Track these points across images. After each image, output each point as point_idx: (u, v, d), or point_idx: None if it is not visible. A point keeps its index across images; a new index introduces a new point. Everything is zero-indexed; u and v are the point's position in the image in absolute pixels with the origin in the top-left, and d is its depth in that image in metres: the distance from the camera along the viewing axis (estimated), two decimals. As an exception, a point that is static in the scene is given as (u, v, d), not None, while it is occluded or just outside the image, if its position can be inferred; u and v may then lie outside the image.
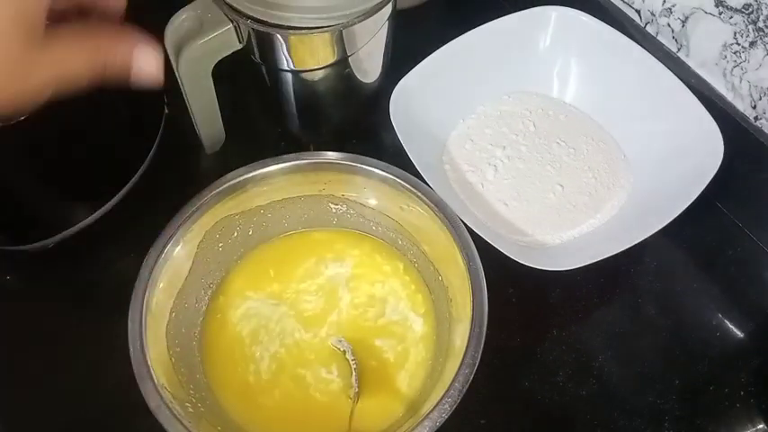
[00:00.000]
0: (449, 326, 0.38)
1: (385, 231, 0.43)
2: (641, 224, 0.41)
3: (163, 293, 0.36)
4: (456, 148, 0.50)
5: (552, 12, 0.50)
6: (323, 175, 0.41)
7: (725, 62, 0.46)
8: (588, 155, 0.49)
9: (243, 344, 0.40)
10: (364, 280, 0.42)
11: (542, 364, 0.43)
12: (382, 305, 0.41)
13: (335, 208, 0.43)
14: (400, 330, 0.40)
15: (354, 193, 0.42)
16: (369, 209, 0.42)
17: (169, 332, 0.36)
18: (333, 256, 0.43)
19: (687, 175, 0.43)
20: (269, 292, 0.42)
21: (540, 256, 0.43)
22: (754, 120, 0.46)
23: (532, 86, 0.53)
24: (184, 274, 0.38)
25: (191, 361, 0.38)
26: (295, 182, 0.41)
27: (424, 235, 0.40)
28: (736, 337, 0.45)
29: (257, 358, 0.39)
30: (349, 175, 0.40)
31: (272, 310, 0.41)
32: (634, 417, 0.41)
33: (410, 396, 0.38)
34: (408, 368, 0.39)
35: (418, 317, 0.41)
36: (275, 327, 0.41)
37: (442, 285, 0.40)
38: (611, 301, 0.46)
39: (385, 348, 0.40)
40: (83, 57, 0.27)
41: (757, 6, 0.42)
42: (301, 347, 0.40)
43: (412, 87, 0.46)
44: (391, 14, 0.43)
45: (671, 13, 0.48)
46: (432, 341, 0.40)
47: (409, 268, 0.43)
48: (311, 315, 0.41)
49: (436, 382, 0.36)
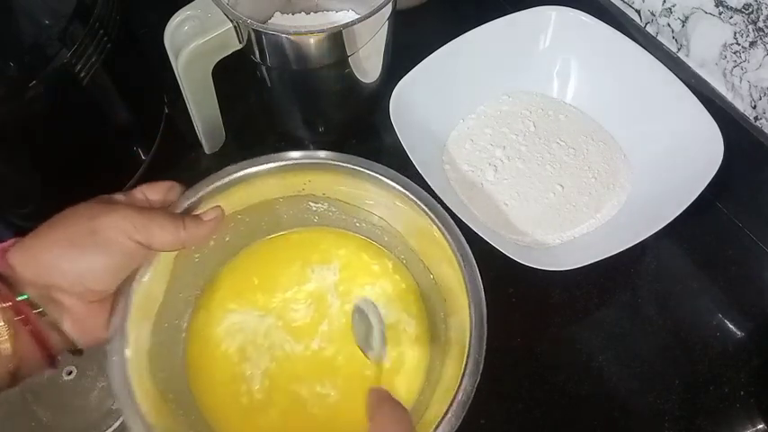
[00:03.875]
0: (444, 324, 0.37)
1: (370, 228, 0.41)
2: (641, 224, 0.41)
3: (140, 317, 0.33)
4: (456, 148, 0.50)
5: (552, 12, 0.50)
6: (303, 176, 0.38)
7: (725, 62, 0.46)
8: (588, 155, 0.49)
9: (231, 362, 0.37)
10: (353, 283, 0.40)
11: (542, 364, 0.43)
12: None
13: (316, 206, 0.40)
14: (394, 334, 0.38)
15: (337, 191, 0.39)
16: (352, 206, 0.40)
17: (152, 357, 0.33)
18: (318, 257, 0.41)
19: (687, 175, 0.43)
20: (254, 303, 0.39)
21: (540, 256, 0.43)
22: (754, 120, 0.46)
23: (532, 86, 0.53)
24: (161, 292, 0.35)
25: (178, 386, 0.35)
26: (273, 184, 0.38)
27: (412, 232, 0.38)
28: (736, 337, 0.44)
29: (248, 377, 0.37)
30: (331, 174, 0.38)
31: (259, 323, 0.39)
32: (634, 417, 0.41)
33: (410, 401, 0.37)
34: (406, 372, 0.38)
35: (411, 318, 0.39)
36: (263, 341, 0.38)
37: (434, 284, 0.38)
38: (611, 301, 0.46)
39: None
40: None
41: (757, 6, 0.42)
42: (293, 361, 0.38)
43: (412, 87, 0.46)
44: (391, 14, 0.43)
45: (671, 13, 0.48)
46: (426, 342, 0.39)
47: (399, 266, 0.41)
48: (301, 325, 0.39)
49: (436, 385, 0.35)
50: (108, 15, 0.40)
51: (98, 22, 0.39)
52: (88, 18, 0.39)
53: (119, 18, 0.42)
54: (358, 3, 0.48)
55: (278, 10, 0.48)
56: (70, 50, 0.37)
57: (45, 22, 0.38)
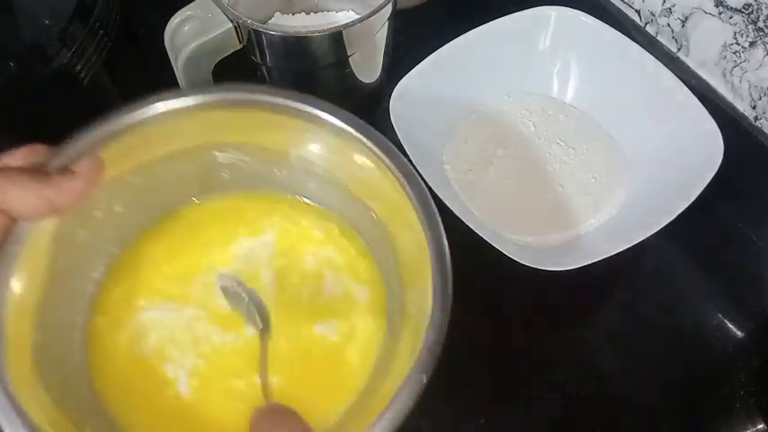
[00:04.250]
0: (402, 293, 0.32)
1: (301, 180, 0.34)
2: (641, 224, 0.41)
3: (16, 309, 0.27)
4: (456, 147, 0.50)
5: (552, 12, 0.50)
6: (203, 118, 0.30)
7: (725, 62, 0.46)
8: (588, 155, 0.49)
9: (147, 366, 0.31)
10: (291, 254, 0.34)
11: (542, 364, 0.43)
12: (317, 281, 0.34)
13: (223, 156, 0.33)
14: (343, 307, 0.33)
15: (250, 134, 0.32)
16: (272, 152, 0.32)
17: (39, 362, 0.27)
18: (245, 229, 0.34)
19: (687, 175, 0.43)
20: (166, 295, 0.33)
21: (540, 256, 0.43)
22: (754, 120, 0.46)
23: (532, 86, 0.53)
24: (38, 281, 0.28)
25: (81, 395, 0.30)
26: (169, 132, 0.30)
27: (365, 189, 0.33)
28: (736, 337, 0.44)
29: (172, 380, 0.31)
30: (243, 112, 0.30)
31: (176, 317, 0.32)
32: (634, 417, 0.41)
33: (364, 375, 0.32)
34: (358, 344, 0.33)
35: (362, 285, 0.34)
36: (184, 336, 0.32)
37: (391, 247, 0.33)
38: (611, 301, 0.46)
39: (328, 332, 0.33)
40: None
41: (757, 6, 0.42)
42: (224, 354, 0.32)
43: (412, 87, 0.46)
44: (391, 14, 0.43)
45: (671, 13, 0.48)
46: (381, 310, 0.34)
47: (346, 230, 0.35)
48: (230, 312, 0.32)
49: (393, 354, 0.30)
50: (108, 15, 0.41)
51: (98, 22, 0.39)
52: (88, 18, 0.39)
53: (119, 18, 0.42)
54: (358, 3, 0.48)
55: (278, 10, 0.48)
56: (70, 50, 0.38)
57: (45, 23, 0.38)
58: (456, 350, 0.41)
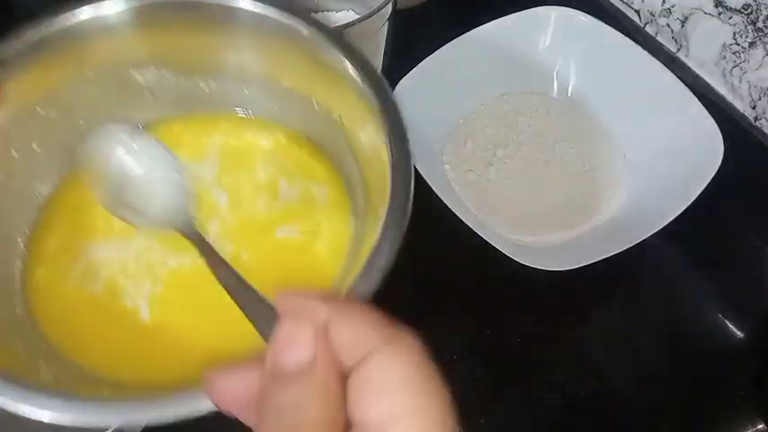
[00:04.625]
0: (362, 187, 0.31)
1: (245, 98, 0.32)
2: (641, 224, 0.41)
3: None
4: (456, 148, 0.50)
5: (552, 12, 0.50)
6: (122, 30, 0.27)
7: (724, 62, 0.46)
8: (588, 155, 0.49)
9: (103, 306, 0.30)
10: (240, 169, 0.33)
11: (542, 364, 0.43)
12: (272, 189, 0.33)
13: (141, 74, 0.30)
14: (303, 208, 0.32)
15: (168, 46, 0.29)
16: (198, 63, 0.30)
17: None
18: (184, 153, 0.32)
19: (687, 175, 0.43)
20: (107, 232, 0.31)
21: (540, 256, 0.43)
22: (754, 120, 0.46)
23: (532, 86, 0.53)
24: None
25: (31, 347, 0.27)
26: (76, 50, 0.27)
27: (305, 82, 0.30)
28: (736, 337, 0.44)
29: (132, 310, 0.29)
30: (167, 16, 0.27)
31: (123, 250, 0.30)
32: (634, 417, 0.41)
33: (338, 268, 0.31)
34: (325, 240, 0.32)
35: (321, 185, 0.33)
36: (137, 267, 0.30)
37: (347, 147, 0.31)
38: (611, 301, 0.46)
39: (291, 235, 0.32)
40: None
41: (756, 7, 0.42)
42: (184, 276, 0.30)
43: (412, 87, 0.46)
44: (391, 14, 0.43)
45: (670, 14, 0.48)
46: (346, 207, 0.33)
47: (294, 135, 0.34)
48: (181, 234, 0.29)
49: (362, 246, 0.29)
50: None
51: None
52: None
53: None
54: (358, 3, 0.48)
55: (278, 10, 0.48)
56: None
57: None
58: (456, 350, 0.41)
